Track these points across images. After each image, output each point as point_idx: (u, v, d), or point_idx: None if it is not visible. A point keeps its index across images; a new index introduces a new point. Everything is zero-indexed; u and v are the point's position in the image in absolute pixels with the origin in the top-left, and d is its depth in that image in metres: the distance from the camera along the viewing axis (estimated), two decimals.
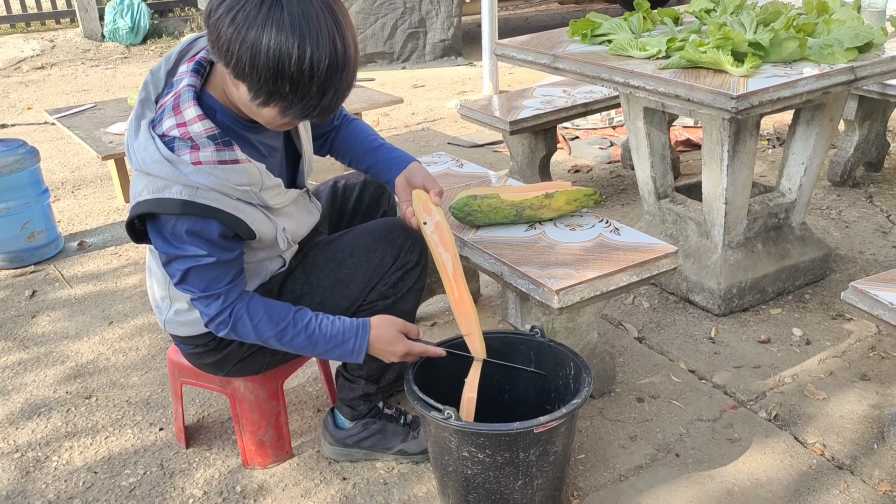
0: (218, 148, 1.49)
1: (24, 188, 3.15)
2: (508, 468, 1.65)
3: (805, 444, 1.98)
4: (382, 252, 1.75)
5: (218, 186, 1.49)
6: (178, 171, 1.47)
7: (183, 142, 1.48)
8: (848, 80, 2.22)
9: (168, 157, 1.47)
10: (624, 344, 2.45)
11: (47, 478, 1.99)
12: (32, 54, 7.39)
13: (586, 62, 2.49)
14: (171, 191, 1.47)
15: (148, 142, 1.49)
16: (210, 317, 1.62)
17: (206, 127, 1.48)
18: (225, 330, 1.63)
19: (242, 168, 1.52)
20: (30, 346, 2.62)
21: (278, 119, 1.47)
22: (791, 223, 2.69)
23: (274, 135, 1.67)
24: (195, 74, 1.53)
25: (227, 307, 1.60)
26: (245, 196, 1.55)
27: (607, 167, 4.01)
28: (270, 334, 1.64)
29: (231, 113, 1.55)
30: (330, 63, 1.36)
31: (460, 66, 6.58)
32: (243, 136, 1.58)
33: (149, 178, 1.50)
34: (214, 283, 1.58)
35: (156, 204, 1.48)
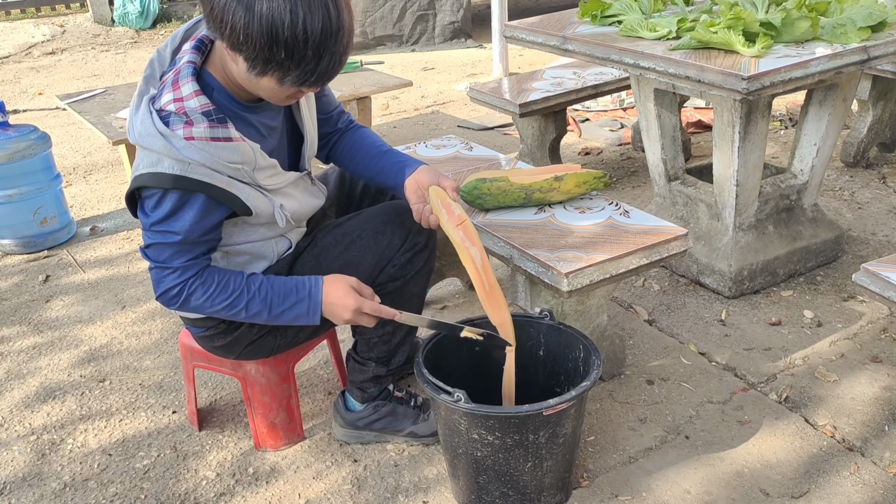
0: (211, 125, 1.50)
1: (36, 174, 3.17)
2: (518, 450, 1.66)
3: (815, 427, 1.97)
4: (391, 234, 1.75)
5: (209, 162, 1.51)
6: (170, 145, 1.49)
7: (178, 116, 1.50)
8: (861, 59, 2.20)
9: (162, 131, 1.49)
10: (634, 326, 2.45)
11: (62, 460, 2.01)
12: (43, 39, 7.40)
13: (596, 44, 2.47)
14: (163, 165, 1.50)
15: (145, 115, 1.51)
16: (162, 290, 1.62)
17: (202, 103, 1.50)
18: (176, 304, 1.63)
19: (235, 146, 1.53)
20: (44, 330, 2.64)
21: (278, 89, 1.48)
22: (803, 205, 2.67)
23: (272, 115, 1.67)
24: (196, 52, 1.56)
25: (180, 282, 1.60)
26: (237, 174, 1.56)
27: (618, 149, 3.99)
28: (223, 304, 1.63)
29: (229, 92, 1.57)
30: (324, 27, 1.37)
31: (470, 48, 6.54)
32: (241, 115, 1.59)
33: (144, 151, 1.53)
34: (175, 257, 1.59)
35: (150, 178, 1.51)
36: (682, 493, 1.79)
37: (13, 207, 3.14)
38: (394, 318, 1.70)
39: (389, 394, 1.97)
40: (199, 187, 1.52)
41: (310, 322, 1.69)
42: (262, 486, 1.88)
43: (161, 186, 1.51)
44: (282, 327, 1.78)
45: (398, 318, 1.70)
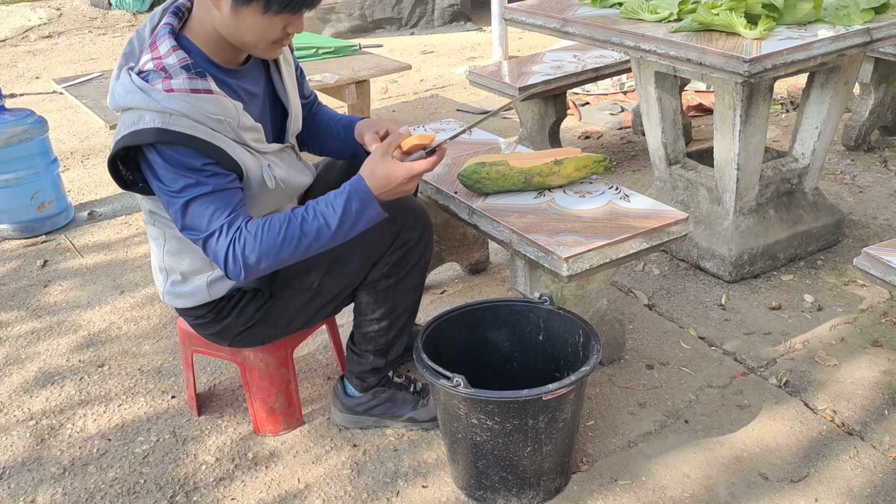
0: (190, 77, 1.50)
1: (32, 158, 3.15)
2: (517, 435, 1.65)
3: (815, 411, 1.97)
4: (381, 229, 1.69)
5: (191, 113, 1.49)
6: (149, 98, 1.48)
7: (156, 73, 1.50)
8: (864, 41, 2.18)
9: (141, 85, 1.49)
10: (634, 311, 2.44)
11: (62, 445, 2.01)
12: (40, 23, 7.35)
13: (597, 26, 2.45)
14: (144, 121, 1.48)
15: (124, 78, 1.52)
16: (223, 259, 1.54)
17: (180, 58, 1.50)
18: (241, 269, 1.54)
19: (216, 99, 1.52)
20: (42, 315, 2.64)
21: (266, 27, 1.48)
22: (804, 189, 2.66)
23: (253, 82, 1.67)
24: (173, 16, 1.57)
25: (229, 242, 1.53)
26: (220, 128, 1.53)
27: (618, 133, 3.97)
28: (279, 241, 1.53)
29: (207, 56, 1.57)
30: None
31: (469, 31, 6.50)
32: (220, 78, 1.58)
33: (125, 114, 1.51)
34: (216, 217, 1.53)
35: (132, 137, 1.49)
36: (682, 478, 1.79)
37: (10, 192, 3.13)
38: (441, 149, 1.62)
39: (389, 380, 1.97)
40: (182, 140, 1.48)
41: (376, 215, 1.58)
42: (262, 471, 1.88)
43: (145, 142, 1.48)
44: (270, 319, 1.78)
45: (443, 146, 1.63)
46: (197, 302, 1.75)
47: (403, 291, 1.80)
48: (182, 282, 1.74)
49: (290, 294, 1.76)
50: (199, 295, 1.74)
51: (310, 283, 1.74)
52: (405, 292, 1.81)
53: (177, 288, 1.75)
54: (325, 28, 6.36)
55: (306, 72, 3.61)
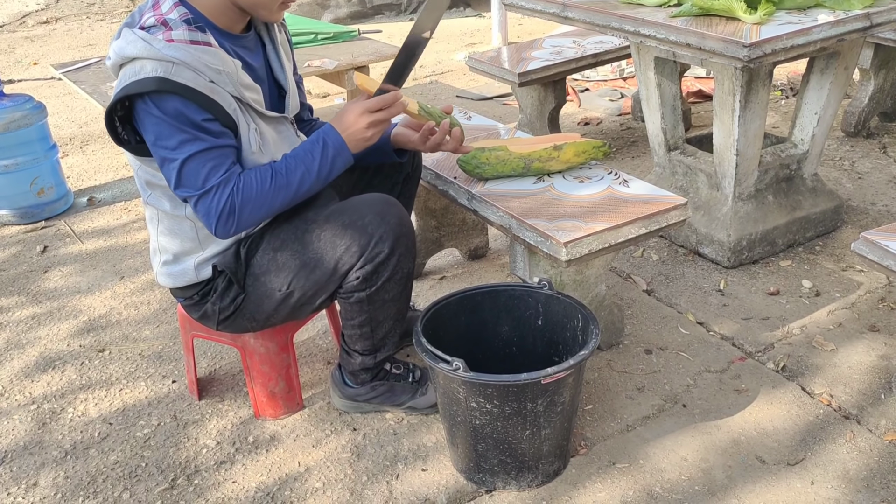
0: (191, 29, 1.53)
1: (31, 144, 3.15)
2: (516, 418, 1.67)
3: (812, 395, 1.99)
4: (349, 240, 1.67)
5: (191, 62, 1.50)
6: (150, 46, 1.50)
7: (157, 26, 1.53)
8: (864, 26, 2.17)
9: (142, 35, 1.51)
10: (632, 296, 2.45)
11: (63, 429, 2.03)
12: (37, 9, 7.32)
13: (596, 11, 2.44)
14: (145, 70, 1.49)
15: (125, 33, 1.54)
16: (216, 216, 1.57)
17: (181, 13, 1.54)
18: (233, 223, 1.59)
19: (215, 51, 1.55)
20: (42, 300, 2.64)
21: None
22: (803, 174, 2.66)
23: (253, 54, 1.69)
24: None
25: (227, 195, 1.57)
26: (220, 80, 1.55)
27: (617, 119, 3.97)
28: (271, 189, 1.60)
29: (209, 20, 1.59)
30: None
31: (469, 17, 6.48)
32: (220, 41, 1.59)
33: (126, 67, 1.53)
34: (212, 174, 1.56)
35: (134, 86, 1.49)
36: (679, 461, 1.80)
37: (9, 178, 3.13)
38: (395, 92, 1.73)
39: (386, 373, 1.96)
40: (182, 91, 1.49)
41: (347, 160, 1.68)
42: (262, 454, 1.90)
43: (146, 90, 1.49)
44: (247, 312, 1.78)
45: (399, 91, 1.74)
46: (185, 282, 1.77)
47: (380, 303, 1.76)
48: (173, 262, 1.76)
49: (263, 292, 1.75)
50: (186, 275, 1.76)
51: (280, 284, 1.73)
52: (382, 303, 1.76)
53: (168, 268, 1.77)
54: (324, 14, 6.33)
55: (306, 57, 3.61)
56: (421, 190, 2.27)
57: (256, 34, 1.72)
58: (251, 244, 1.73)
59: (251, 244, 1.73)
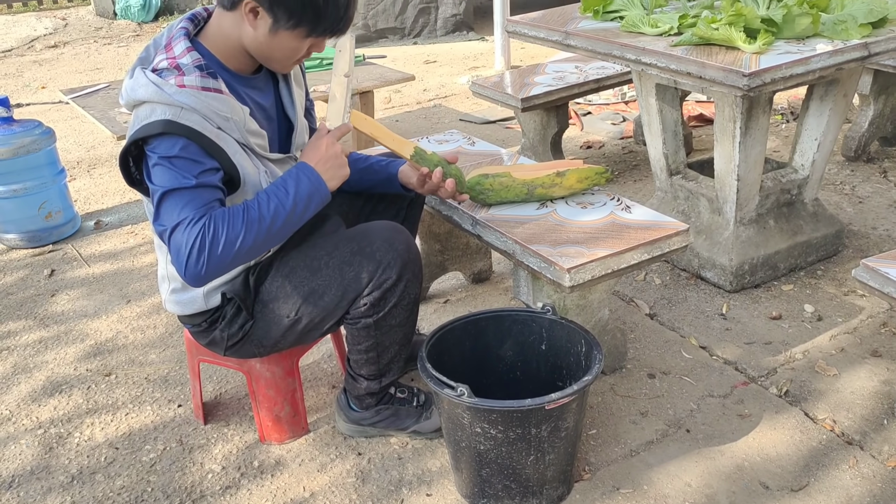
0: (202, 75, 1.55)
1: (40, 168, 3.18)
2: (521, 444, 1.68)
3: (815, 420, 1.99)
4: (358, 267, 1.70)
5: (200, 108, 1.53)
6: (161, 91, 1.52)
7: (170, 70, 1.56)
8: (861, 56, 2.20)
9: (154, 80, 1.54)
10: (635, 320, 2.47)
11: (70, 453, 2.04)
12: (45, 33, 7.41)
13: (598, 39, 2.48)
14: (155, 113, 1.52)
15: (138, 75, 1.57)
16: (186, 252, 1.51)
17: (194, 58, 1.57)
18: (202, 261, 1.51)
19: (224, 98, 1.57)
20: (50, 324, 2.66)
21: (297, 48, 1.59)
22: (804, 199, 2.68)
23: (263, 95, 1.72)
24: (189, 21, 1.64)
25: (199, 230, 1.51)
26: (227, 127, 1.58)
27: (620, 143, 4.00)
28: (242, 227, 1.54)
29: (221, 62, 1.63)
30: None
31: (472, 40, 6.54)
32: (231, 84, 1.63)
33: (138, 109, 1.56)
34: (187, 208, 1.52)
35: (142, 130, 1.53)
36: (683, 487, 1.81)
37: (18, 202, 3.16)
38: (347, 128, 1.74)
39: (391, 397, 1.97)
40: (188, 133, 1.52)
41: (323, 197, 1.65)
42: (268, 479, 1.91)
43: (153, 133, 1.51)
44: (255, 338, 1.80)
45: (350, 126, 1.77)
46: (193, 310, 1.78)
47: (387, 328, 1.78)
48: (181, 289, 1.77)
49: (270, 318, 1.77)
50: (195, 303, 1.77)
51: (288, 311, 1.75)
52: (389, 329, 1.78)
53: (176, 296, 1.79)
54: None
55: (311, 83, 3.65)
56: (425, 215, 2.30)
57: (268, 72, 1.74)
58: (260, 271, 1.76)
59: (260, 271, 1.76)
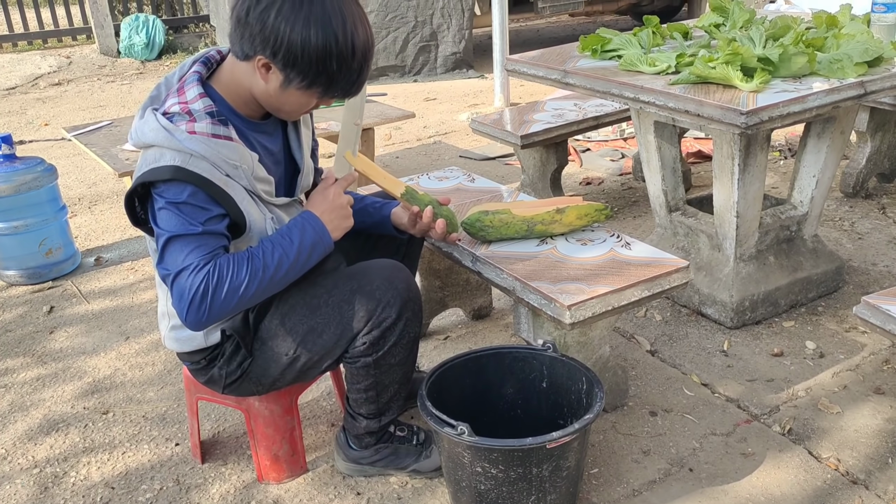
0: (213, 122, 1.56)
1: (42, 205, 3.19)
2: (522, 483, 1.66)
3: (819, 459, 1.97)
4: (357, 306, 1.70)
5: (210, 156, 1.54)
6: (172, 137, 1.53)
7: (181, 115, 1.56)
8: (858, 94, 2.23)
9: (165, 125, 1.54)
10: (636, 357, 2.45)
11: (66, 493, 2.01)
12: (49, 70, 7.49)
13: (597, 77, 2.50)
14: (164, 158, 1.53)
15: (149, 117, 1.58)
16: (189, 298, 1.51)
17: (206, 104, 1.57)
18: (205, 308, 1.52)
19: (234, 146, 1.58)
20: (48, 361, 2.65)
21: (307, 103, 1.60)
22: (803, 235, 2.69)
23: (272, 140, 1.73)
24: (202, 65, 1.64)
25: (202, 277, 1.51)
26: (235, 174, 1.59)
27: (619, 179, 4.02)
28: (246, 275, 1.55)
29: (231, 107, 1.63)
30: (364, 41, 1.55)
31: (471, 78, 6.61)
32: (241, 129, 1.64)
33: (146, 152, 1.57)
34: (192, 254, 1.53)
35: (150, 173, 1.53)
36: None
37: (19, 239, 3.16)
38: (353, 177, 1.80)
39: (391, 436, 1.95)
40: (196, 181, 1.52)
41: (326, 247, 1.68)
42: None
43: (161, 178, 1.52)
44: (253, 376, 1.78)
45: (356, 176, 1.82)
46: (193, 347, 1.77)
47: (387, 367, 1.77)
48: (181, 326, 1.76)
49: (269, 356, 1.76)
50: (195, 340, 1.76)
51: (287, 349, 1.74)
52: (389, 368, 1.77)
53: (176, 332, 1.78)
54: None
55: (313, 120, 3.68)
56: (425, 251, 2.30)
57: (277, 118, 1.74)
58: (260, 309, 1.75)
59: (260, 309, 1.75)
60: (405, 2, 6.48)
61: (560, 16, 9.30)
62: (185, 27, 8.55)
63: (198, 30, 8.55)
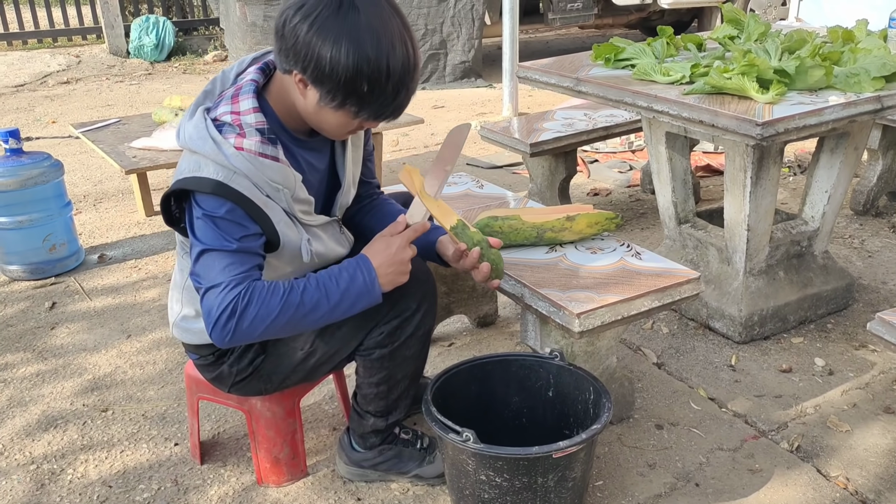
0: (263, 141, 1.52)
1: (47, 201, 3.18)
2: (526, 493, 1.63)
3: (828, 477, 1.94)
4: None
5: (252, 175, 1.51)
6: (218, 150, 1.50)
7: (232, 127, 1.52)
8: (874, 109, 2.21)
9: (213, 135, 1.51)
10: (643, 369, 2.43)
11: (62, 491, 1.98)
12: (59, 69, 7.50)
13: (610, 86, 2.49)
14: (207, 170, 1.50)
15: (199, 121, 1.53)
16: (217, 314, 1.50)
17: (258, 119, 1.53)
18: (230, 329, 1.50)
19: (280, 167, 1.55)
20: (48, 357, 2.62)
21: (346, 123, 1.52)
22: (814, 251, 2.66)
23: (319, 156, 1.68)
24: (260, 73, 1.59)
25: (233, 298, 1.49)
26: (275, 195, 1.56)
27: (626, 191, 4.00)
28: (279, 307, 1.51)
29: (281, 121, 1.59)
30: (404, 63, 1.44)
31: (480, 87, 6.61)
32: (288, 146, 1.60)
33: (191, 157, 1.53)
34: (226, 270, 1.51)
35: (192, 182, 1.51)
36: None
37: (23, 234, 3.14)
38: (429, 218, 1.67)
39: (395, 437, 1.93)
40: (236, 198, 1.50)
41: (372, 300, 1.59)
42: None
43: (202, 191, 1.50)
44: (264, 373, 1.76)
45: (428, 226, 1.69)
46: (203, 340, 1.74)
47: (401, 360, 1.75)
48: (194, 317, 1.73)
49: (283, 351, 1.74)
50: (206, 334, 1.73)
51: (302, 343, 1.72)
52: (403, 360, 1.75)
53: (188, 323, 1.75)
54: None
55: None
56: None
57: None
58: None
59: None
60: (415, 10, 6.48)
61: (570, 28, 9.30)
62: (194, 29, 8.57)
63: (207, 32, 8.56)
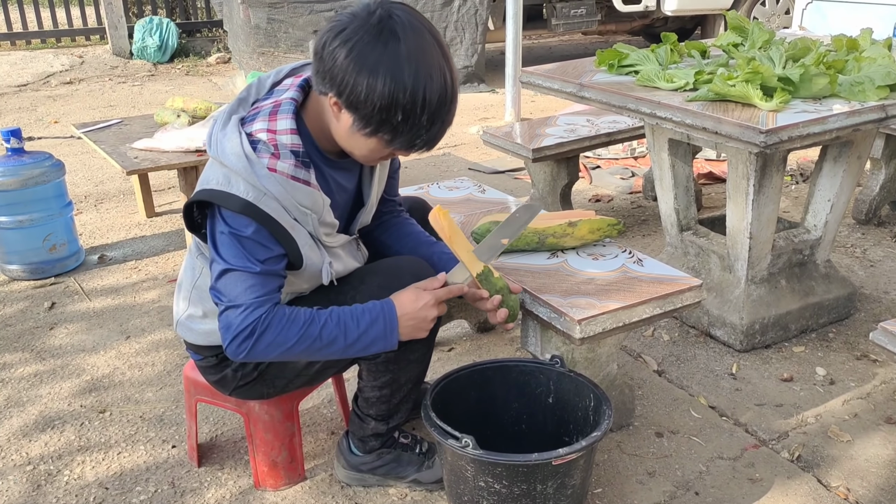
0: (296, 164, 1.51)
1: (48, 200, 3.17)
2: (525, 500, 1.62)
3: (829, 488, 1.93)
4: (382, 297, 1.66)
5: (282, 199, 1.50)
6: (251, 170, 1.48)
7: (267, 146, 1.50)
8: (879, 117, 2.20)
9: (248, 153, 1.49)
10: (643, 377, 2.42)
11: (58, 492, 1.97)
12: (61, 69, 7.50)
13: (613, 92, 2.48)
14: (238, 187, 1.48)
15: (234, 134, 1.51)
16: (234, 333, 1.53)
17: (294, 142, 1.52)
18: (246, 348, 1.53)
19: (310, 192, 1.54)
20: (46, 358, 2.62)
21: (378, 150, 1.50)
22: (816, 260, 2.65)
23: (349, 176, 1.68)
24: (300, 91, 1.57)
25: (253, 320, 1.52)
26: (302, 219, 1.55)
27: (628, 197, 3.99)
28: (296, 336, 1.54)
29: (314, 141, 1.57)
30: (440, 95, 1.42)
31: (483, 92, 6.61)
32: (320, 166, 1.59)
33: (222, 169, 1.52)
34: (248, 292, 1.53)
35: (220, 196, 1.50)
36: None
37: (23, 233, 3.14)
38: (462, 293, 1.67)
39: (394, 441, 1.92)
40: (264, 220, 1.49)
41: (387, 346, 1.61)
42: None
43: (229, 208, 1.49)
44: (268, 378, 1.75)
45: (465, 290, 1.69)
46: (209, 342, 1.73)
47: (406, 363, 1.75)
48: (202, 318, 1.73)
49: None
50: (211, 336, 1.72)
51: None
52: (407, 364, 1.75)
53: (193, 322, 1.74)
54: None
55: None
56: None
57: None
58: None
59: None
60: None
61: (573, 34, 9.31)
62: (198, 31, 8.57)
63: (210, 34, 8.56)
